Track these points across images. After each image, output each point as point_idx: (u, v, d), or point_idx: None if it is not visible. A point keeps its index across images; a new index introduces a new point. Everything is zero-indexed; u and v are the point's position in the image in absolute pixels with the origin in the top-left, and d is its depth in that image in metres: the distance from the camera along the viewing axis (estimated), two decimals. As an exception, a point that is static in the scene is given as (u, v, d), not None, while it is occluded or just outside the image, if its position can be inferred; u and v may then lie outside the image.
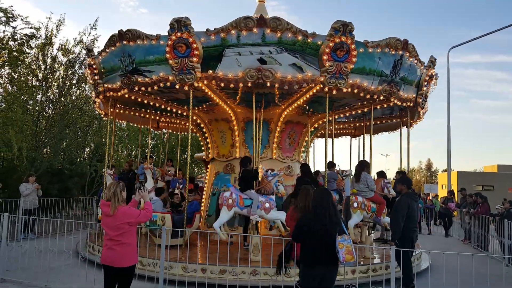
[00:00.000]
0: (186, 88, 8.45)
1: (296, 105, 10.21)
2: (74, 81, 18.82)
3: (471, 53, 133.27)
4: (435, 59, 10.48)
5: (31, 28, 16.03)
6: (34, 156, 16.19)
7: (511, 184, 45.31)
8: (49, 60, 18.10)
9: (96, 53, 10.21)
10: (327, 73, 8.05)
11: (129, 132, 22.11)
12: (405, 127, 11.85)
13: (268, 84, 8.06)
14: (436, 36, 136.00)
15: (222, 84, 8.29)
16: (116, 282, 4.95)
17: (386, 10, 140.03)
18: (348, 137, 15.65)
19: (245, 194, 8.50)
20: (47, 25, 18.01)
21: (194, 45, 7.90)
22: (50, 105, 18.45)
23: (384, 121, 12.97)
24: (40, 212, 12.32)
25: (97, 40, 18.73)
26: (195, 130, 14.01)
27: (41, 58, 17.96)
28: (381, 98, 9.23)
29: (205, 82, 8.31)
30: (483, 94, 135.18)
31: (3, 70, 16.43)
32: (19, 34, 15.56)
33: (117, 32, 8.84)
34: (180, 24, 7.84)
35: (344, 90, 8.31)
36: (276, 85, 8.16)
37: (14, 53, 15.47)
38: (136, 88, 8.99)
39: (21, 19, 15.33)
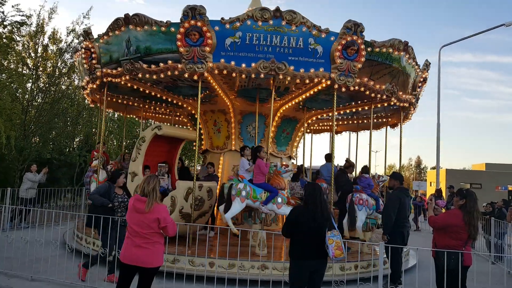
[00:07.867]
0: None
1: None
2: (65, 70, 18.59)
3: (463, 52, 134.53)
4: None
5: (22, 16, 15.80)
6: (22, 145, 16.00)
7: (499, 183, 45.95)
8: (40, 48, 17.85)
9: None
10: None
11: (120, 123, 21.90)
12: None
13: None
14: (427, 34, 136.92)
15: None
16: (130, 282, 4.56)
17: (378, 7, 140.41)
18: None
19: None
20: (39, 13, 17.78)
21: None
22: (40, 94, 18.22)
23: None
24: (28, 202, 12.22)
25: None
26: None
27: (31, 46, 17.70)
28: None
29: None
30: (473, 93, 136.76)
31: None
32: (9, 20, 15.33)
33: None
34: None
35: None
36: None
37: (3, 40, 15.21)
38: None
39: (12, 6, 15.08)
